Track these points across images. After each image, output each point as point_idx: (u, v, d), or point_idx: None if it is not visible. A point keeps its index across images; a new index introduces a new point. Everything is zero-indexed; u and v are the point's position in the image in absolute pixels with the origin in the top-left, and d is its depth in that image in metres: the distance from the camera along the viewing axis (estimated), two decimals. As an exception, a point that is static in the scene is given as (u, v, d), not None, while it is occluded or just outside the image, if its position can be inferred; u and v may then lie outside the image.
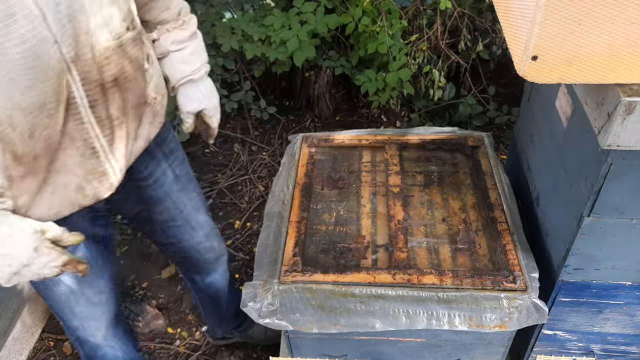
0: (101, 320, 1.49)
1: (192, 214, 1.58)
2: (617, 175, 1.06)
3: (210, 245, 1.70)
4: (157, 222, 1.55)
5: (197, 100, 1.43)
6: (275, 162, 2.98)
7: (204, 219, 1.63)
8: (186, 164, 1.55)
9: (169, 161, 1.47)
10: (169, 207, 1.52)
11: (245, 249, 2.50)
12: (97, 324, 1.49)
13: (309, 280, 1.30)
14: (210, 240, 1.69)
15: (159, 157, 1.44)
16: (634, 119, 0.96)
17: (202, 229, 1.64)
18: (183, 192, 1.53)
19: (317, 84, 3.18)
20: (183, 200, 1.54)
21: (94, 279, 1.40)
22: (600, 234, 1.18)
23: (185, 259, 1.73)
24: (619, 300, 1.34)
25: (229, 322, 1.98)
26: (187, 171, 1.56)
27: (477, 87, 3.10)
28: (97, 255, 1.39)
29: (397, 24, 2.61)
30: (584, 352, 1.53)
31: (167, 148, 1.46)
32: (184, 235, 1.61)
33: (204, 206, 1.65)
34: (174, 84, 1.41)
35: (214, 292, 1.86)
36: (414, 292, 1.26)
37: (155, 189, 1.47)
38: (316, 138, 1.77)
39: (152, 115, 1.30)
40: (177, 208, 1.53)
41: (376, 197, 1.56)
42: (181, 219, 1.56)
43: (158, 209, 1.52)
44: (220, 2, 2.86)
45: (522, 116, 1.67)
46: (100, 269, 1.41)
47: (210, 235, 1.68)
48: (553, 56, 0.91)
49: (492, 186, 1.53)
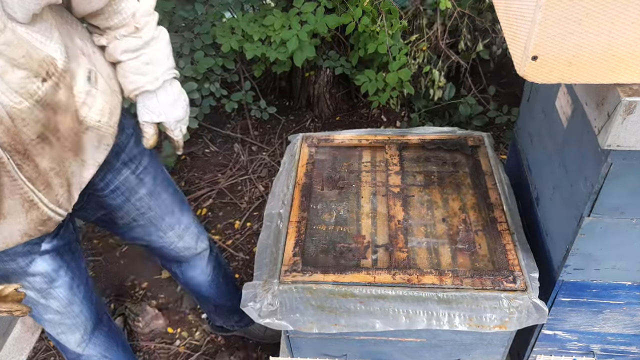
0: (74, 329, 1.47)
1: (160, 215, 1.53)
2: (617, 175, 1.06)
3: (183, 245, 1.65)
4: (120, 225, 1.52)
5: (155, 111, 1.33)
6: (275, 162, 2.98)
7: (175, 220, 1.58)
8: (154, 166, 1.48)
9: (130, 168, 1.41)
10: (129, 211, 1.47)
11: (246, 249, 2.50)
12: (70, 332, 1.47)
13: (309, 280, 1.30)
14: (183, 240, 1.64)
15: (118, 167, 1.38)
16: (634, 119, 0.96)
17: (172, 229, 1.59)
18: (149, 196, 1.48)
19: (317, 84, 3.18)
20: (148, 204, 1.49)
21: (59, 293, 1.37)
22: (600, 234, 1.18)
23: (159, 255, 1.71)
24: (619, 300, 1.34)
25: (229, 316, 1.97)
26: (156, 174, 1.48)
27: (477, 87, 3.10)
28: (61, 267, 1.36)
29: (397, 24, 2.61)
30: (584, 352, 1.53)
31: (128, 156, 1.39)
32: (151, 236, 1.57)
33: (180, 206, 1.59)
34: (127, 94, 1.31)
35: (195, 286, 1.83)
36: (414, 292, 1.26)
37: (113, 198, 1.42)
38: (316, 138, 1.77)
39: (97, 139, 1.22)
40: (139, 211, 1.49)
41: (376, 197, 1.56)
42: (145, 220, 1.52)
43: (119, 214, 1.48)
44: (220, 2, 2.86)
45: (522, 116, 1.67)
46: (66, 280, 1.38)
47: (183, 235, 1.63)
48: (553, 56, 0.91)
49: (492, 186, 1.53)
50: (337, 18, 2.63)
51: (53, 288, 1.35)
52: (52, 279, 1.34)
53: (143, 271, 2.44)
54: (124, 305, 2.22)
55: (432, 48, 2.87)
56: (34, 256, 1.28)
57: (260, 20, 2.70)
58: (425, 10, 2.91)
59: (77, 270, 1.42)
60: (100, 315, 1.57)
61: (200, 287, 1.83)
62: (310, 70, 3.13)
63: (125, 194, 1.43)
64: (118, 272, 2.43)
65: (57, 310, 1.39)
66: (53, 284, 1.35)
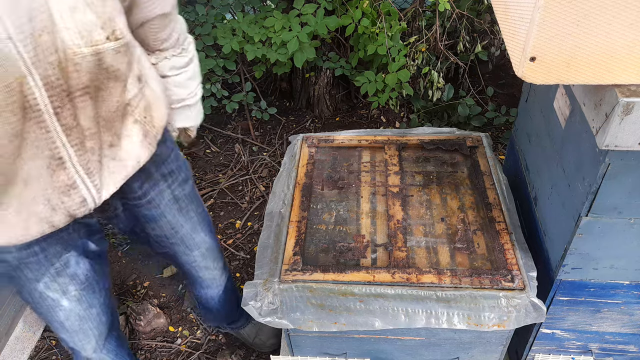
0: (91, 334, 1.47)
1: (189, 234, 1.57)
2: (615, 176, 1.07)
3: (205, 264, 1.68)
4: (151, 236, 1.54)
5: (190, 119, 1.49)
6: (275, 163, 2.99)
7: (200, 239, 1.61)
8: (188, 184, 1.52)
9: (167, 182, 1.43)
10: (163, 226, 1.50)
11: (246, 248, 2.51)
12: (86, 337, 1.47)
13: (309, 279, 1.31)
14: (205, 260, 1.67)
15: (157, 178, 1.41)
16: (631, 119, 0.97)
17: (198, 248, 1.62)
18: (180, 214, 1.51)
19: (317, 84, 3.19)
20: (179, 221, 1.52)
21: (84, 295, 1.38)
22: (598, 234, 1.19)
23: (180, 269, 1.74)
24: (616, 300, 1.35)
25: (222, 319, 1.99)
26: (189, 192, 1.52)
27: (475, 88, 3.11)
28: (89, 271, 1.38)
29: (397, 26, 2.62)
30: (582, 351, 1.54)
31: (167, 169, 1.42)
32: (177, 252, 1.60)
33: (206, 226, 1.63)
34: (170, 104, 1.41)
35: (204, 302, 1.87)
36: (413, 291, 1.27)
37: (149, 209, 1.44)
38: (316, 138, 1.78)
39: (142, 134, 1.23)
40: (173, 228, 1.52)
41: (376, 197, 1.57)
42: (175, 238, 1.55)
43: (151, 226, 1.50)
44: (221, 4, 2.87)
45: (520, 117, 1.68)
46: (91, 284, 1.40)
47: (206, 255, 1.67)
48: (551, 57, 0.92)
49: (491, 186, 1.54)
50: (337, 20, 2.64)
51: (79, 291, 1.36)
52: (81, 283, 1.36)
53: (144, 270, 2.45)
54: (126, 304, 2.23)
55: (431, 49, 2.88)
56: (70, 258, 1.30)
57: (261, 22, 2.71)
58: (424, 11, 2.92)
59: (103, 275, 1.45)
60: (114, 322, 1.58)
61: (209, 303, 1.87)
62: (311, 71, 3.14)
63: (161, 207, 1.45)
64: (120, 271, 2.44)
65: (78, 314, 1.40)
66: (81, 286, 1.36)
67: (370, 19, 2.63)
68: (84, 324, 1.43)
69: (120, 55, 1.08)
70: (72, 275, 1.33)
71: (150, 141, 1.26)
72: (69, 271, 1.32)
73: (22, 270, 1.24)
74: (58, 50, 0.95)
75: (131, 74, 1.17)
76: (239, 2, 2.89)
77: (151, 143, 1.27)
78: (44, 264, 1.25)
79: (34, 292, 1.30)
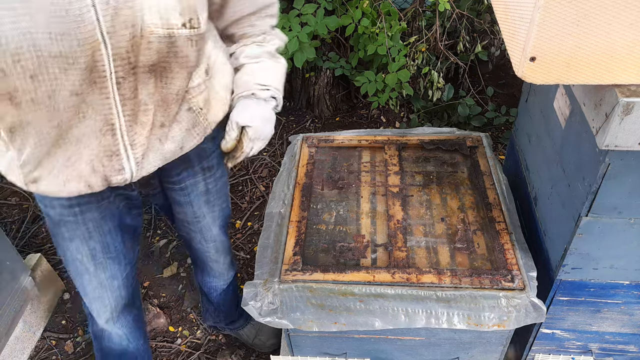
0: (108, 304, 1.50)
1: (208, 225, 1.61)
2: (615, 176, 1.07)
3: (216, 258, 1.73)
4: (176, 218, 1.61)
5: (251, 115, 1.32)
6: (275, 163, 2.99)
7: (217, 233, 1.65)
8: (222, 181, 1.55)
9: (204, 175, 1.47)
10: (187, 213, 1.55)
11: (246, 248, 2.51)
12: (103, 306, 1.50)
13: (309, 279, 1.31)
14: (218, 255, 1.72)
15: (196, 170, 1.44)
16: (631, 119, 0.97)
17: (214, 241, 1.67)
18: (207, 205, 1.55)
19: (317, 84, 3.19)
20: (203, 212, 1.56)
21: (110, 264, 1.42)
22: (598, 234, 1.19)
23: (191, 255, 1.80)
24: (616, 300, 1.35)
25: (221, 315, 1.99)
26: (220, 188, 1.55)
27: (475, 88, 3.11)
28: (121, 243, 1.42)
29: (397, 26, 2.63)
30: (582, 351, 1.54)
31: (208, 163, 1.46)
32: (194, 240, 1.65)
33: (224, 223, 1.67)
34: (237, 93, 1.35)
35: (207, 291, 1.91)
36: (413, 291, 1.27)
37: (180, 195, 1.49)
38: (316, 138, 1.78)
39: (192, 123, 1.27)
40: (196, 217, 1.56)
41: (375, 197, 1.57)
42: (196, 227, 1.60)
43: (177, 210, 1.56)
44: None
45: (520, 117, 1.68)
46: (119, 256, 1.43)
47: (219, 250, 1.71)
48: (551, 57, 0.92)
49: (491, 186, 1.54)
50: (337, 20, 2.64)
51: (106, 259, 1.40)
52: (109, 252, 1.40)
53: (144, 270, 2.45)
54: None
55: (431, 49, 2.88)
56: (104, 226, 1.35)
57: (261, 21, 2.71)
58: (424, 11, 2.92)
59: (132, 251, 1.50)
60: (134, 299, 1.62)
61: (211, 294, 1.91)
62: (311, 71, 3.14)
63: (191, 195, 1.49)
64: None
65: (100, 282, 1.43)
66: (109, 255, 1.40)
67: (370, 19, 2.63)
68: (103, 292, 1.46)
69: (192, 44, 1.12)
70: (103, 243, 1.37)
71: (198, 132, 1.29)
72: (101, 238, 1.36)
73: (61, 227, 1.32)
74: (135, 26, 1.00)
75: (200, 66, 1.21)
76: (239, 2, 2.89)
77: (199, 134, 1.30)
78: (80, 226, 1.32)
79: (67, 251, 1.36)
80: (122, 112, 1.09)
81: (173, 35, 1.06)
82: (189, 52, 1.12)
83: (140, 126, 1.14)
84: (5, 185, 2.88)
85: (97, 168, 1.15)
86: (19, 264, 2.02)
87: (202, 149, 1.38)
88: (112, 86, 1.05)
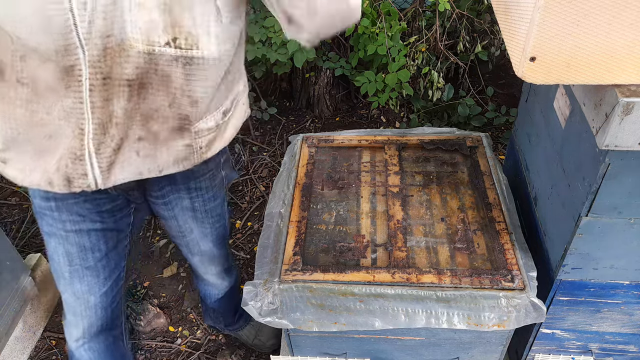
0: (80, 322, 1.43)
1: (195, 240, 1.58)
2: (615, 176, 1.07)
3: (204, 270, 1.71)
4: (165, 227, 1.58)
5: None
6: (275, 163, 2.99)
7: (207, 248, 1.62)
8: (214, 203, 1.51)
9: (190, 194, 1.44)
10: (172, 227, 1.53)
11: (246, 248, 2.51)
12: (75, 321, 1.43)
13: (309, 279, 1.31)
14: (205, 266, 1.70)
15: (180, 187, 1.41)
16: (631, 119, 0.97)
17: (200, 255, 1.64)
18: (194, 221, 1.51)
19: (317, 85, 3.19)
20: (190, 227, 1.52)
21: (87, 275, 1.36)
22: (598, 234, 1.19)
23: None
24: (617, 300, 1.35)
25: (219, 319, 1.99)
26: (210, 208, 1.51)
27: (475, 88, 3.11)
28: (101, 251, 1.36)
29: (397, 26, 2.62)
30: (582, 351, 1.54)
31: (195, 184, 1.43)
32: (181, 250, 1.65)
33: (218, 239, 1.62)
34: None
35: (202, 296, 1.91)
36: (413, 290, 1.27)
37: (164, 209, 1.46)
38: (316, 138, 1.78)
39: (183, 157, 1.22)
40: (181, 232, 1.54)
41: (375, 197, 1.57)
42: (181, 240, 1.58)
43: (162, 222, 1.54)
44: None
45: (520, 117, 1.68)
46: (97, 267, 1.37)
47: (205, 262, 1.68)
48: (551, 57, 0.92)
49: (491, 186, 1.54)
50: (337, 19, 2.64)
51: (83, 269, 1.35)
52: (86, 259, 1.35)
53: (144, 270, 2.45)
54: (126, 304, 2.23)
55: (431, 49, 2.88)
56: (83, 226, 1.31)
57: (261, 22, 2.71)
58: (424, 11, 2.92)
59: (114, 264, 1.42)
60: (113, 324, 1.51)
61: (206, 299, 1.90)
62: (311, 71, 3.14)
63: (175, 210, 1.46)
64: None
65: (74, 292, 1.38)
66: (85, 263, 1.35)
67: (370, 19, 2.63)
68: (77, 306, 1.40)
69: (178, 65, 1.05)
70: (80, 246, 1.33)
71: (185, 164, 1.25)
72: (78, 240, 1.32)
73: (41, 219, 1.31)
74: (111, 37, 0.97)
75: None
76: (239, 2, 2.89)
77: (185, 166, 1.25)
78: (57, 222, 1.29)
79: (48, 245, 1.34)
80: (91, 119, 1.07)
81: (153, 53, 1.01)
82: (172, 72, 1.06)
83: (109, 137, 1.11)
84: (5, 185, 2.88)
85: (62, 168, 1.13)
86: (19, 264, 2.03)
87: (189, 171, 1.33)
88: (85, 91, 1.03)
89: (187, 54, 1.04)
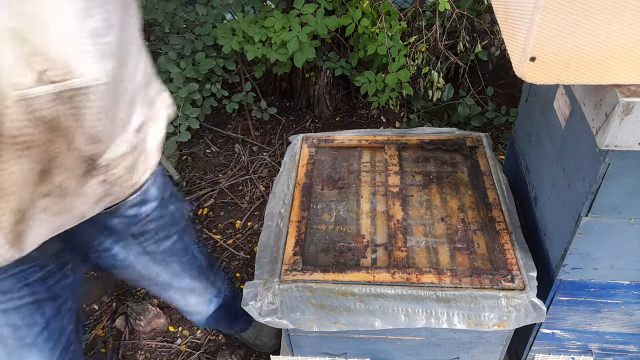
0: None
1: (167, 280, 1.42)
2: (615, 176, 1.07)
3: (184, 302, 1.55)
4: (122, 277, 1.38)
5: None
6: (275, 163, 2.99)
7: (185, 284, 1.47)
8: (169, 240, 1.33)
9: (137, 240, 1.26)
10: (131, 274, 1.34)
11: (246, 248, 2.51)
12: None
13: (309, 279, 1.31)
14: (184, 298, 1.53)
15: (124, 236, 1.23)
16: (631, 119, 0.97)
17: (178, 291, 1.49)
18: (156, 264, 1.34)
19: (317, 84, 3.19)
20: (154, 270, 1.35)
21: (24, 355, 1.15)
22: (598, 234, 1.19)
23: None
24: (617, 300, 1.35)
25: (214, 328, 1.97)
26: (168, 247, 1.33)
27: (475, 88, 3.11)
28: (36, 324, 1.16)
29: (397, 26, 2.62)
30: (582, 351, 1.54)
31: (140, 229, 1.23)
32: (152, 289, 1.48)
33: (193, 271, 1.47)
34: None
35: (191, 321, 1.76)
36: (413, 291, 1.27)
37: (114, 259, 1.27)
38: (316, 138, 1.78)
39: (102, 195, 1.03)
40: (148, 278, 1.37)
41: (375, 197, 1.57)
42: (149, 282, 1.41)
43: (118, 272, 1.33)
44: (221, 4, 2.88)
45: (520, 117, 1.68)
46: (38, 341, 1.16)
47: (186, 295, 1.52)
48: (551, 57, 0.92)
49: (491, 186, 1.54)
50: (337, 20, 2.64)
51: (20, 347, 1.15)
52: (21, 337, 1.14)
53: (143, 271, 2.45)
54: (126, 304, 2.23)
55: (431, 49, 2.88)
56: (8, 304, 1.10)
57: (261, 22, 2.71)
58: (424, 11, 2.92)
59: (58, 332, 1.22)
60: None
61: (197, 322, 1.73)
62: (311, 71, 3.14)
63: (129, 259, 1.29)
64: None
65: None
66: (22, 341, 1.15)
67: (370, 19, 2.63)
68: None
69: (64, 103, 0.83)
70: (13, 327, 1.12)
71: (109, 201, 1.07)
72: (7, 320, 1.10)
73: None
74: None
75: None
76: (239, 2, 2.89)
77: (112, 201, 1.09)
78: None
79: None
80: None
81: (27, 97, 0.78)
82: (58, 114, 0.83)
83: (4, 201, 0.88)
84: None
85: None
86: (19, 264, 2.02)
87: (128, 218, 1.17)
88: None
89: (65, 87, 0.82)
